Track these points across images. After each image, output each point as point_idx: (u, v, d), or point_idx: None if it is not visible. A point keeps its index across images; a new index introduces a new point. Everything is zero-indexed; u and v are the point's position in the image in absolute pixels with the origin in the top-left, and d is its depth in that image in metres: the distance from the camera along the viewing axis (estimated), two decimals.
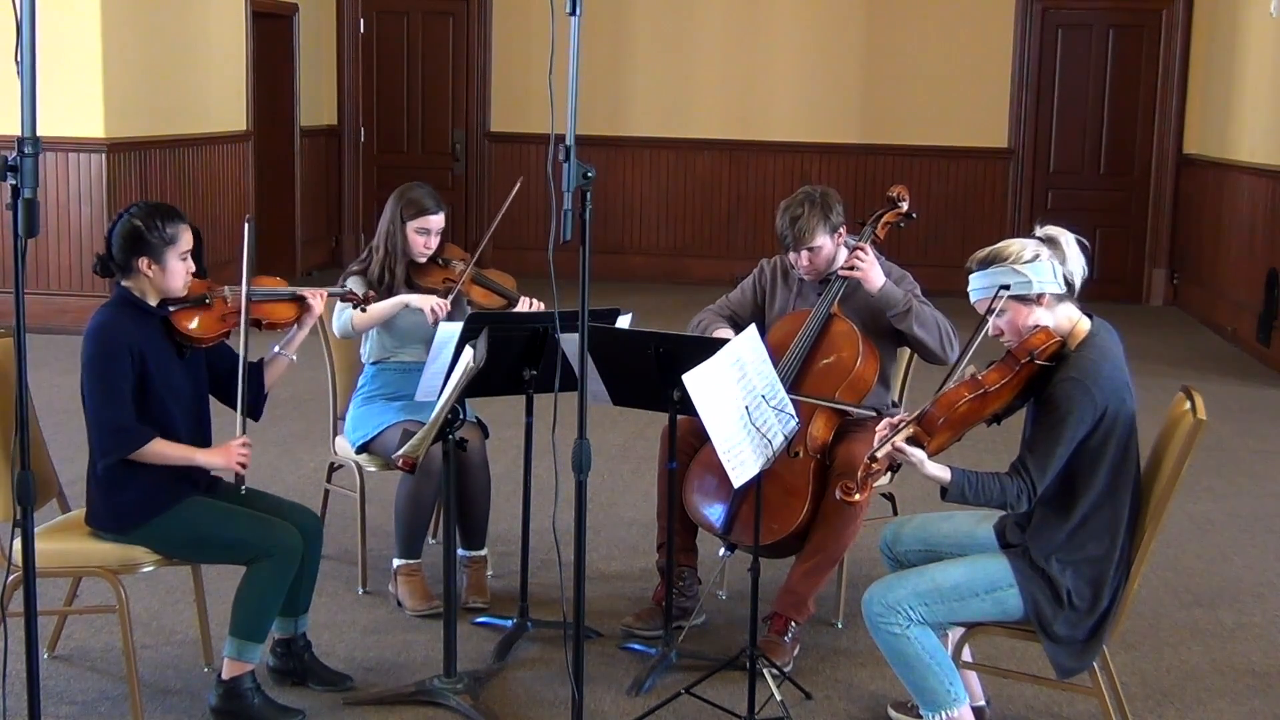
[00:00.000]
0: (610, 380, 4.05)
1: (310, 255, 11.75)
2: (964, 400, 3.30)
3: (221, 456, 3.64)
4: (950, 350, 4.25)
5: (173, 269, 3.63)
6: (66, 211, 8.79)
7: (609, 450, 6.38)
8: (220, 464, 3.66)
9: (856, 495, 3.28)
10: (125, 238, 3.61)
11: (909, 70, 11.50)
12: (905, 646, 3.37)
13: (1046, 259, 3.36)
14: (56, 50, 8.25)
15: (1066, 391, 3.26)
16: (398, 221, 4.58)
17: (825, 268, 4.36)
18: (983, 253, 3.43)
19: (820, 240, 4.30)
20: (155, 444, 3.56)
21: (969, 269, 3.44)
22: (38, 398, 3.96)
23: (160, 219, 3.62)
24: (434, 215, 4.59)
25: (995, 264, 3.37)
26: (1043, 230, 3.45)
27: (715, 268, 11.58)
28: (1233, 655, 4.35)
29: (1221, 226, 10.20)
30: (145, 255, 3.60)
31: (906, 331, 4.26)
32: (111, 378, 3.53)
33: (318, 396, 5.21)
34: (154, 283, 3.63)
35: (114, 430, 3.53)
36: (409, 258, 4.60)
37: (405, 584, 4.48)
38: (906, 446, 3.27)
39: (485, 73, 12.04)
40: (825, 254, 4.34)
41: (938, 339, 4.25)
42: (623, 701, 3.89)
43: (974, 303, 3.43)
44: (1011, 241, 3.43)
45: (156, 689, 3.89)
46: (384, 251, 4.59)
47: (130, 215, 3.64)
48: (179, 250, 3.63)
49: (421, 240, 4.59)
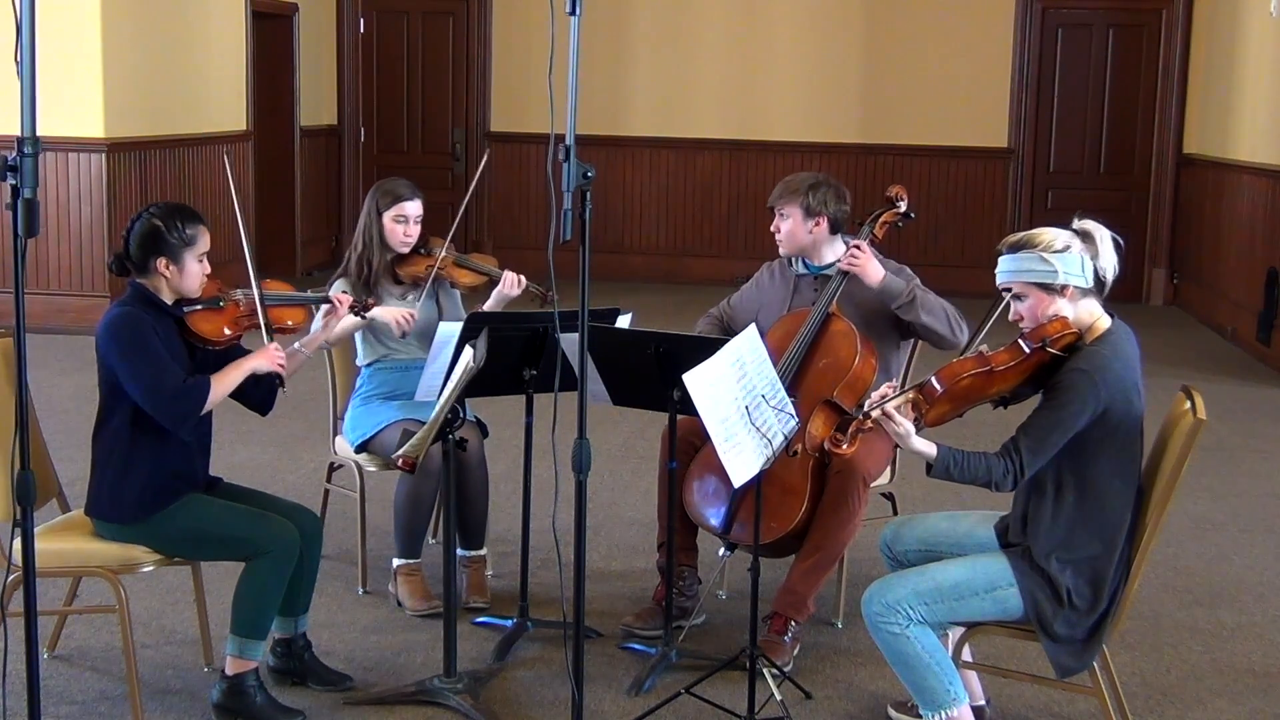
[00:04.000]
0: (610, 380, 4.05)
1: (310, 255, 11.75)
2: (968, 374, 3.30)
3: (265, 359, 3.73)
4: (960, 333, 4.26)
5: (190, 270, 3.65)
6: (66, 211, 8.78)
7: (609, 450, 6.38)
8: (265, 366, 3.72)
9: (845, 446, 3.29)
10: (144, 237, 3.63)
11: (909, 70, 11.50)
12: (905, 646, 3.36)
13: (1077, 251, 3.36)
14: (56, 50, 8.25)
15: (1072, 381, 3.26)
16: (374, 214, 4.59)
17: (793, 246, 4.40)
18: (1015, 237, 3.44)
19: (789, 209, 4.34)
20: (214, 385, 3.62)
21: (999, 251, 3.44)
22: (38, 398, 3.96)
23: (180, 220, 3.65)
24: (409, 202, 4.59)
25: (1025, 249, 3.37)
26: (1079, 223, 3.45)
27: (715, 268, 11.58)
28: (1233, 655, 4.35)
29: (1221, 226, 10.19)
30: (164, 255, 3.62)
31: (914, 321, 4.27)
32: (150, 350, 3.55)
33: (317, 396, 5.21)
34: (170, 283, 3.66)
35: (177, 395, 3.56)
36: (390, 250, 4.59)
37: (405, 584, 4.48)
38: (895, 414, 3.27)
39: (485, 73, 12.04)
40: (793, 229, 4.37)
41: (946, 323, 4.26)
42: (623, 701, 3.89)
43: (999, 285, 3.43)
44: (1045, 230, 3.42)
45: (156, 689, 3.89)
46: (361, 245, 4.60)
47: (150, 215, 3.66)
48: (197, 252, 3.66)
49: (401, 229, 4.58)
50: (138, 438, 3.61)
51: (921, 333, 4.33)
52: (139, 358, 3.55)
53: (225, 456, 5.92)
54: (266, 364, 3.72)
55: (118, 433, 3.63)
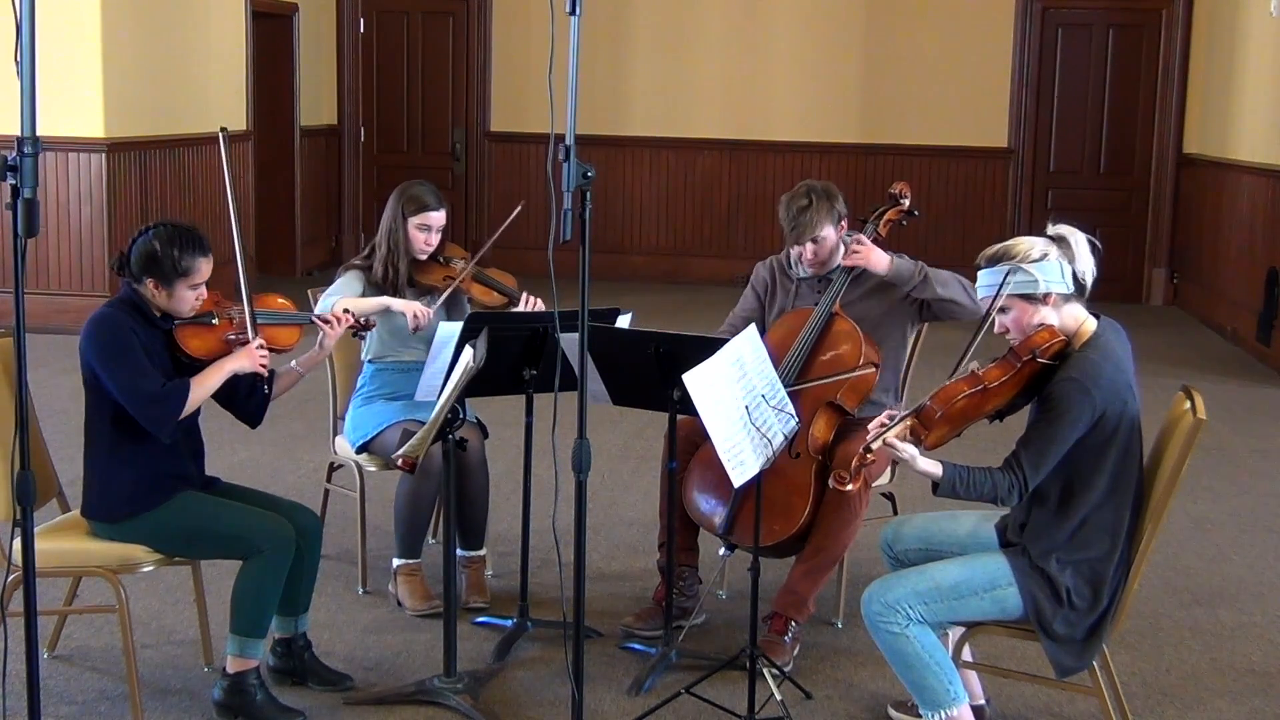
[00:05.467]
0: (610, 380, 4.04)
1: (310, 255, 11.75)
2: (963, 395, 3.30)
3: (247, 359, 3.68)
4: (978, 301, 4.24)
5: (180, 296, 3.65)
6: (66, 211, 8.78)
7: (609, 450, 6.38)
8: (247, 366, 3.68)
9: (849, 485, 3.29)
10: (142, 256, 3.62)
11: (909, 70, 11.50)
12: (905, 646, 3.37)
13: (1055, 258, 3.37)
14: (56, 50, 8.25)
15: (1065, 391, 3.26)
16: (399, 218, 4.59)
17: (829, 258, 4.38)
18: (992, 250, 3.44)
19: (826, 230, 4.33)
20: (193, 388, 3.60)
21: (978, 266, 3.45)
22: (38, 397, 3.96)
23: (180, 249, 3.61)
24: (435, 212, 4.60)
25: (1003, 261, 3.38)
26: (1054, 229, 3.45)
27: (715, 267, 11.58)
28: (1233, 655, 4.35)
29: (1221, 226, 10.19)
30: (154, 278, 3.62)
31: (931, 298, 4.25)
32: (129, 354, 3.55)
33: (318, 396, 5.21)
34: (157, 303, 3.66)
35: (154, 399, 3.54)
36: (410, 255, 4.60)
37: (405, 584, 4.48)
38: (898, 442, 3.28)
39: (485, 73, 12.04)
40: (830, 244, 4.36)
41: (964, 293, 4.24)
42: (623, 701, 3.89)
43: (980, 299, 3.45)
44: (1021, 239, 3.43)
45: (156, 689, 3.89)
46: (386, 248, 4.60)
47: (153, 236, 3.63)
48: (190, 282, 3.64)
49: (422, 237, 4.59)
50: (121, 437, 3.61)
51: (940, 310, 4.30)
52: (117, 361, 3.54)
53: (225, 456, 5.92)
54: (248, 364, 3.68)
55: (101, 432, 3.63)
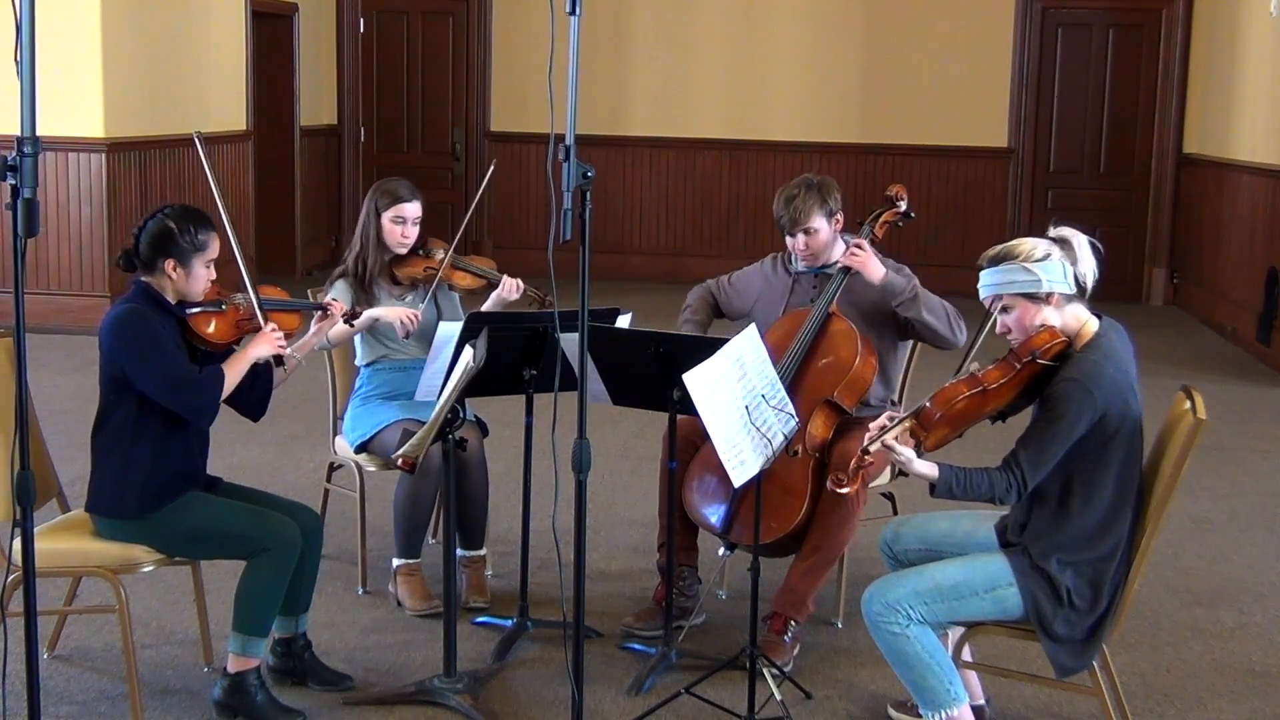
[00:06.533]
0: (610, 380, 4.05)
1: (310, 255, 11.75)
2: (962, 396, 3.30)
3: (266, 344, 3.73)
4: (959, 333, 4.26)
5: (196, 274, 3.68)
6: (66, 211, 8.78)
7: (609, 450, 6.38)
8: (268, 351, 3.73)
9: (846, 487, 3.29)
10: (156, 237, 3.65)
11: (909, 70, 11.50)
12: (905, 646, 3.37)
13: (1057, 259, 3.36)
14: (56, 50, 8.25)
15: (1066, 392, 3.26)
16: (373, 214, 4.60)
17: (822, 253, 4.38)
18: (994, 250, 3.43)
19: (817, 222, 4.33)
20: (227, 374, 3.65)
21: (980, 265, 3.44)
22: (38, 398, 3.96)
23: (193, 224, 3.67)
24: (408, 203, 4.60)
25: (1005, 261, 3.38)
26: (1056, 230, 3.45)
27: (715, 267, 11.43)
28: (1233, 655, 4.35)
29: (1221, 226, 10.19)
30: (172, 257, 3.64)
31: (915, 318, 4.26)
32: (158, 346, 3.57)
33: (317, 396, 5.21)
34: (175, 285, 3.68)
35: (197, 386, 3.59)
36: (388, 250, 4.60)
37: (405, 584, 4.48)
38: (895, 444, 3.28)
39: (485, 73, 12.04)
40: (822, 238, 4.36)
41: (946, 323, 4.26)
42: (623, 701, 3.89)
43: (982, 299, 3.44)
44: (1023, 240, 3.43)
45: (156, 689, 3.89)
46: (359, 245, 4.62)
47: (165, 216, 3.69)
48: (206, 258, 3.69)
49: (399, 230, 4.59)
50: (140, 435, 3.62)
51: (921, 331, 4.33)
52: (151, 355, 3.56)
53: (225, 456, 5.92)
54: (269, 348, 3.73)
55: (120, 430, 3.63)
